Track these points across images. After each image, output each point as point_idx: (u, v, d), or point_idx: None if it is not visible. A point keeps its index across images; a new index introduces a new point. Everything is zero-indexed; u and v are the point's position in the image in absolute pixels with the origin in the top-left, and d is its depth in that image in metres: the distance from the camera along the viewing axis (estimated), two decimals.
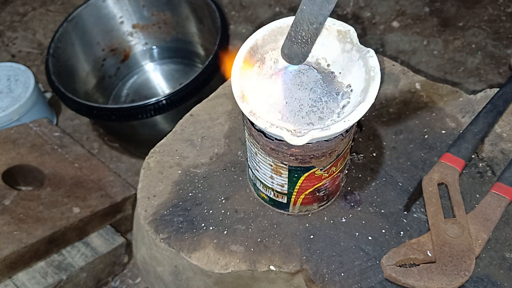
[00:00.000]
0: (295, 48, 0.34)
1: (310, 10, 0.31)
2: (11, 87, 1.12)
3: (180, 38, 1.23)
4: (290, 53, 0.34)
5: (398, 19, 1.30)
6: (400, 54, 1.24)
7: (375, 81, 0.37)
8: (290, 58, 0.35)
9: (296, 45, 0.33)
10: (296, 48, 0.34)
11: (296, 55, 0.34)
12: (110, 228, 0.91)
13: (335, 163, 0.42)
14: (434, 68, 1.20)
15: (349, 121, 0.36)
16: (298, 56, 0.35)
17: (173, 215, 0.50)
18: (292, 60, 0.35)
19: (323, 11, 0.31)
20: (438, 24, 1.28)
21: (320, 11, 0.31)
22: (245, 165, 0.53)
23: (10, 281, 0.77)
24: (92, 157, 0.99)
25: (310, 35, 0.32)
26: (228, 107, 0.59)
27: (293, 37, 0.33)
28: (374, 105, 0.57)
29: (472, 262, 0.43)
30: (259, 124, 0.36)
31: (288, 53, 0.34)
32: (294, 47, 0.34)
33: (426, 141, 0.53)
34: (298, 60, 0.35)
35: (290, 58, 0.35)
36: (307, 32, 0.32)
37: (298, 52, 0.34)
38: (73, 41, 1.11)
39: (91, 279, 0.88)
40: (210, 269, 0.46)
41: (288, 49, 0.34)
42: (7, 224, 0.77)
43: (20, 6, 1.48)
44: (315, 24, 0.31)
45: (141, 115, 0.92)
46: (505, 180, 0.48)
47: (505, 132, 0.53)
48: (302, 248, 0.47)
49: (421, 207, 0.49)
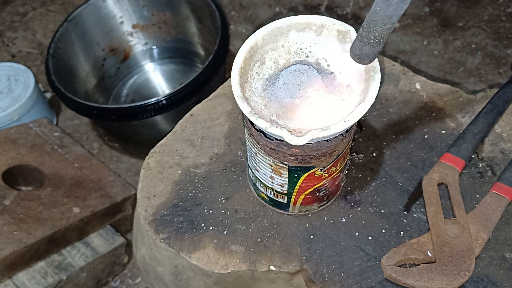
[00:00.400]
0: (366, 48, 0.34)
1: (384, 11, 0.31)
2: (11, 87, 1.12)
3: (180, 38, 1.23)
4: (362, 53, 0.35)
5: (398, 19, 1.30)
6: (400, 54, 1.24)
7: (375, 81, 0.37)
8: (361, 58, 0.35)
9: (368, 45, 0.34)
10: (368, 48, 0.34)
11: (367, 55, 0.35)
12: (110, 228, 0.91)
13: (335, 163, 0.42)
14: (434, 68, 1.20)
15: (349, 121, 0.36)
16: (369, 56, 0.35)
17: (173, 215, 0.50)
18: (363, 60, 0.35)
19: (398, 11, 0.31)
20: (438, 24, 1.28)
21: (395, 12, 0.31)
22: (245, 165, 0.53)
23: (10, 281, 0.77)
24: (92, 157, 0.99)
25: (382, 35, 0.33)
26: (228, 107, 0.59)
27: (365, 37, 0.33)
28: (374, 105, 0.57)
29: (472, 262, 0.43)
30: (259, 124, 0.36)
31: (360, 53, 0.35)
32: (366, 47, 0.34)
33: (426, 141, 0.53)
34: (369, 60, 0.35)
35: (361, 59, 0.35)
36: (380, 33, 0.32)
37: (370, 53, 0.34)
38: (73, 41, 1.11)
39: (91, 279, 0.88)
40: (210, 269, 0.46)
41: (360, 50, 0.34)
42: (7, 224, 0.77)
43: (20, 6, 1.48)
44: (389, 24, 0.32)
45: (141, 115, 0.92)
46: (505, 180, 0.48)
47: (505, 132, 0.53)
48: (302, 248, 0.47)
49: (421, 207, 0.49)
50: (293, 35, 0.41)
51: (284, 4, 1.39)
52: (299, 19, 0.40)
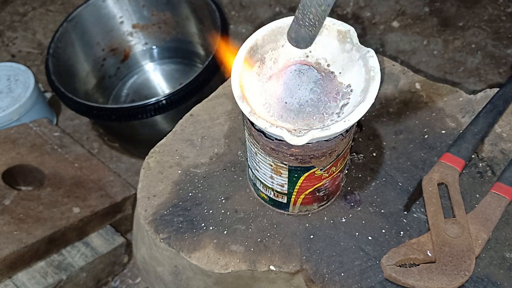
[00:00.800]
0: (302, 31, 0.33)
1: None
2: (11, 87, 1.12)
3: (180, 38, 1.23)
4: (297, 36, 0.33)
5: (398, 19, 1.30)
6: (400, 54, 1.24)
7: (375, 81, 0.37)
8: (297, 42, 0.34)
9: (303, 28, 0.32)
10: (303, 31, 0.33)
11: (303, 39, 0.34)
12: (110, 228, 0.91)
13: (335, 163, 0.42)
14: (434, 68, 1.20)
15: (349, 121, 0.36)
16: (305, 40, 0.34)
17: (173, 215, 0.50)
18: (299, 44, 0.34)
19: None
20: (438, 24, 1.28)
21: None
22: (245, 165, 0.53)
23: (10, 281, 0.77)
24: (92, 157, 0.99)
25: (318, 18, 0.32)
26: (228, 107, 0.59)
27: (301, 19, 0.32)
28: (374, 105, 0.57)
29: (472, 262, 0.43)
30: (259, 124, 0.36)
31: (296, 36, 0.34)
32: (302, 30, 0.33)
33: (426, 141, 0.53)
34: (305, 44, 0.34)
35: (297, 42, 0.34)
36: (315, 15, 0.31)
37: (306, 36, 0.33)
38: (73, 41, 1.11)
39: (91, 279, 0.88)
40: (210, 269, 0.46)
41: (295, 33, 0.33)
42: (7, 224, 0.77)
43: (20, 6, 1.48)
44: (323, 5, 0.31)
45: (141, 115, 0.92)
46: (505, 180, 0.48)
47: (505, 132, 0.53)
48: (302, 248, 0.47)
49: (421, 207, 0.49)
50: None
51: (284, 4, 1.39)
52: None
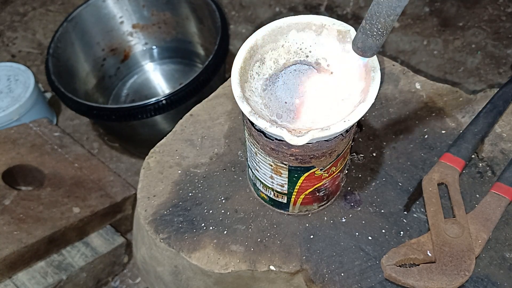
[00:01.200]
0: (370, 41, 0.33)
1: (388, 2, 0.31)
2: (11, 87, 1.12)
3: (180, 38, 1.23)
4: (364, 46, 0.34)
5: (398, 19, 1.30)
6: (400, 54, 1.24)
7: (375, 81, 0.37)
8: (364, 51, 0.35)
9: (371, 38, 0.33)
10: (371, 41, 0.33)
11: (370, 48, 0.34)
12: (110, 228, 0.91)
13: (335, 163, 0.42)
14: (434, 68, 1.20)
15: (349, 121, 0.36)
16: (372, 49, 0.34)
17: (173, 215, 0.50)
18: (366, 53, 0.35)
19: (401, 2, 0.31)
20: (438, 24, 1.28)
21: (398, 3, 0.31)
22: (245, 165, 0.53)
23: (10, 281, 0.77)
24: (92, 157, 0.99)
25: (386, 27, 0.32)
26: (228, 107, 0.59)
27: (368, 30, 0.33)
28: (374, 105, 0.57)
29: (472, 262, 0.43)
30: (259, 124, 0.36)
31: (362, 46, 0.34)
32: (369, 40, 0.33)
33: (426, 141, 0.53)
34: (372, 53, 0.35)
35: (364, 51, 0.35)
36: (383, 25, 0.32)
37: (373, 45, 0.34)
38: (73, 41, 1.11)
39: (91, 279, 0.88)
40: (210, 269, 0.46)
41: (362, 43, 0.34)
42: (7, 224, 0.77)
43: (20, 6, 1.48)
44: (392, 16, 0.31)
45: (141, 115, 0.92)
46: (505, 180, 0.48)
47: (505, 132, 0.53)
48: (302, 248, 0.47)
49: (421, 207, 0.49)
50: (293, 35, 0.41)
51: (284, 4, 1.39)
52: (299, 19, 0.40)
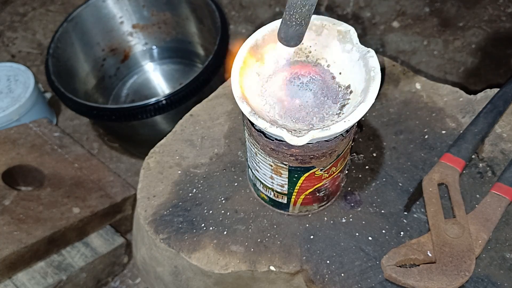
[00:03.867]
0: (290, 31, 0.35)
1: None
2: (11, 87, 1.12)
3: (180, 38, 1.23)
4: (287, 36, 0.36)
5: (398, 19, 1.30)
6: (400, 54, 1.24)
7: (375, 81, 0.37)
8: (287, 41, 0.36)
9: (291, 28, 0.35)
10: (291, 31, 0.35)
11: (292, 38, 0.36)
12: (110, 228, 0.91)
13: (335, 163, 0.42)
14: (434, 68, 1.20)
15: (349, 121, 0.36)
16: (294, 39, 0.36)
17: (173, 215, 0.50)
18: (289, 43, 0.36)
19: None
20: (438, 24, 1.28)
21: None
22: (245, 165, 0.53)
23: (10, 281, 0.77)
24: (92, 157, 0.99)
25: (303, 17, 0.34)
26: (228, 107, 0.59)
27: (288, 20, 0.34)
28: (374, 105, 0.57)
29: (472, 262, 0.43)
30: (259, 124, 0.36)
31: (285, 36, 0.36)
32: (290, 30, 0.35)
33: (426, 141, 0.53)
34: (295, 42, 0.36)
35: (287, 41, 0.36)
36: (300, 15, 0.34)
37: (294, 35, 0.35)
38: (73, 41, 1.11)
39: (91, 279, 0.88)
40: (210, 269, 0.46)
41: (284, 33, 0.36)
42: (7, 224, 0.76)
43: (20, 6, 1.48)
44: (307, 5, 0.33)
45: (141, 115, 0.92)
46: (505, 180, 0.48)
47: (505, 132, 0.53)
48: (302, 249, 0.47)
49: (421, 207, 0.49)
50: None
51: (284, 4, 1.38)
52: None
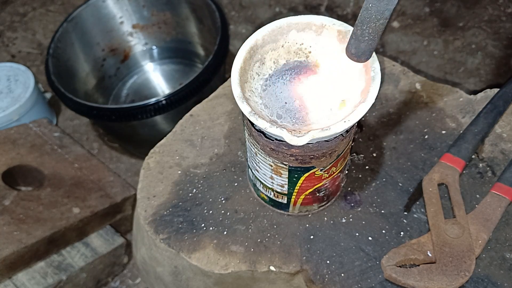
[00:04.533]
0: (362, 46, 0.34)
1: (376, 7, 0.31)
2: (11, 87, 1.12)
3: (180, 38, 1.23)
4: (358, 51, 0.35)
5: (398, 19, 1.30)
6: (400, 54, 1.24)
7: (375, 82, 0.37)
8: (358, 56, 0.35)
9: (363, 43, 0.34)
10: (363, 46, 0.34)
11: (364, 53, 0.35)
12: (110, 228, 0.91)
13: (335, 164, 0.42)
14: (434, 68, 1.20)
15: (349, 121, 0.36)
16: (365, 53, 0.35)
17: (173, 215, 0.50)
18: (360, 58, 0.35)
19: (389, 6, 0.31)
20: (438, 24, 1.28)
21: (387, 6, 0.31)
22: (245, 165, 0.53)
23: (10, 281, 0.77)
24: (92, 157, 0.99)
25: (377, 31, 0.33)
26: (228, 107, 0.59)
27: (360, 35, 0.33)
28: (374, 105, 0.57)
29: (472, 262, 0.43)
30: (259, 124, 0.36)
31: (356, 52, 0.35)
32: (362, 45, 0.34)
33: (426, 142, 0.53)
34: (366, 58, 0.35)
35: (358, 57, 0.35)
36: (374, 29, 0.32)
37: (366, 50, 0.34)
38: (73, 41, 1.11)
39: (91, 279, 0.88)
40: (210, 269, 0.46)
41: (356, 48, 0.35)
42: (7, 224, 0.76)
43: (20, 6, 1.48)
44: (382, 19, 0.32)
45: (141, 115, 0.92)
46: (505, 180, 0.48)
47: (505, 132, 0.53)
48: (302, 249, 0.47)
49: (421, 207, 0.49)
50: (293, 35, 0.41)
51: (284, 4, 1.39)
52: (299, 19, 0.40)
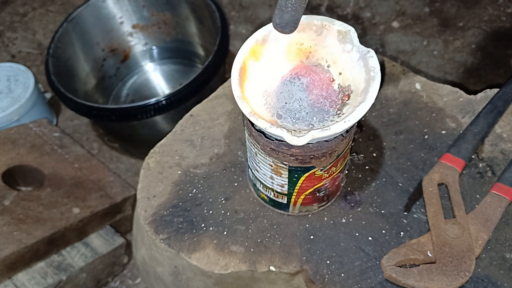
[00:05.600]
0: (286, 17, 0.35)
1: None
2: (11, 88, 1.12)
3: (180, 39, 1.23)
4: (282, 22, 0.36)
5: (398, 19, 1.30)
6: (400, 54, 1.24)
7: (375, 82, 0.37)
8: (282, 27, 0.36)
9: (287, 14, 0.35)
10: (287, 16, 0.35)
11: (287, 23, 0.36)
12: (110, 228, 0.91)
13: (335, 164, 0.42)
14: (434, 69, 1.20)
15: (349, 121, 0.36)
16: (289, 24, 0.36)
17: (173, 215, 0.50)
18: (284, 29, 0.36)
19: None
20: (438, 24, 1.28)
21: None
22: (245, 165, 0.53)
23: (10, 282, 0.77)
24: (92, 158, 0.99)
25: (299, 2, 0.34)
26: (228, 108, 0.59)
27: (283, 6, 0.34)
28: (374, 105, 0.57)
29: (472, 262, 0.43)
30: (259, 125, 0.36)
31: (280, 22, 0.36)
32: (285, 16, 0.35)
33: (426, 142, 0.53)
34: (290, 29, 0.36)
35: (282, 27, 0.36)
36: (295, 0, 0.34)
37: (289, 20, 0.35)
38: (73, 41, 1.11)
39: (91, 279, 0.88)
40: (210, 269, 0.46)
41: (280, 19, 0.35)
42: (7, 225, 0.76)
43: (20, 7, 1.48)
44: None
45: (141, 115, 0.92)
46: (505, 180, 0.48)
47: (505, 132, 0.53)
48: (302, 249, 0.47)
49: (421, 207, 0.49)
50: (293, 35, 0.41)
51: None
52: None
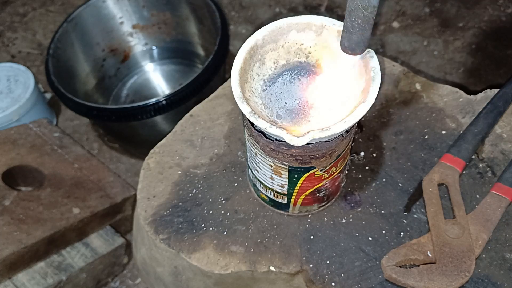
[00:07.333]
0: (354, 38, 0.33)
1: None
2: (11, 88, 1.12)
3: (180, 39, 1.23)
4: (351, 44, 0.34)
5: (398, 20, 1.30)
6: (400, 55, 1.24)
7: (376, 82, 0.37)
8: (352, 49, 0.34)
9: (354, 35, 0.33)
10: (355, 37, 0.33)
11: (357, 44, 0.34)
12: (110, 228, 0.91)
13: (335, 164, 0.42)
14: (434, 69, 1.20)
15: (349, 121, 0.36)
16: (359, 45, 0.34)
17: (173, 215, 0.50)
18: (355, 51, 0.34)
19: None
20: (438, 25, 1.28)
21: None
22: (245, 165, 0.53)
23: (10, 282, 0.77)
24: (92, 158, 0.99)
25: (366, 21, 0.32)
26: (228, 108, 0.59)
27: (350, 27, 0.32)
28: (374, 106, 0.57)
29: (472, 262, 0.43)
30: (259, 125, 0.36)
31: (349, 44, 0.34)
32: (353, 37, 0.33)
33: (426, 142, 0.53)
34: (361, 50, 0.34)
35: (352, 49, 0.34)
36: (363, 19, 0.32)
37: (359, 41, 0.33)
38: (73, 41, 1.11)
39: (91, 279, 0.88)
40: (210, 269, 0.46)
41: (348, 41, 0.34)
42: (7, 225, 0.76)
43: (20, 7, 1.48)
44: (369, 8, 0.31)
45: (141, 116, 0.92)
46: (505, 180, 0.48)
47: (505, 132, 0.53)
48: (302, 249, 0.47)
49: (421, 207, 0.49)
50: (293, 35, 0.41)
51: (284, 5, 1.39)
52: (299, 19, 0.40)
